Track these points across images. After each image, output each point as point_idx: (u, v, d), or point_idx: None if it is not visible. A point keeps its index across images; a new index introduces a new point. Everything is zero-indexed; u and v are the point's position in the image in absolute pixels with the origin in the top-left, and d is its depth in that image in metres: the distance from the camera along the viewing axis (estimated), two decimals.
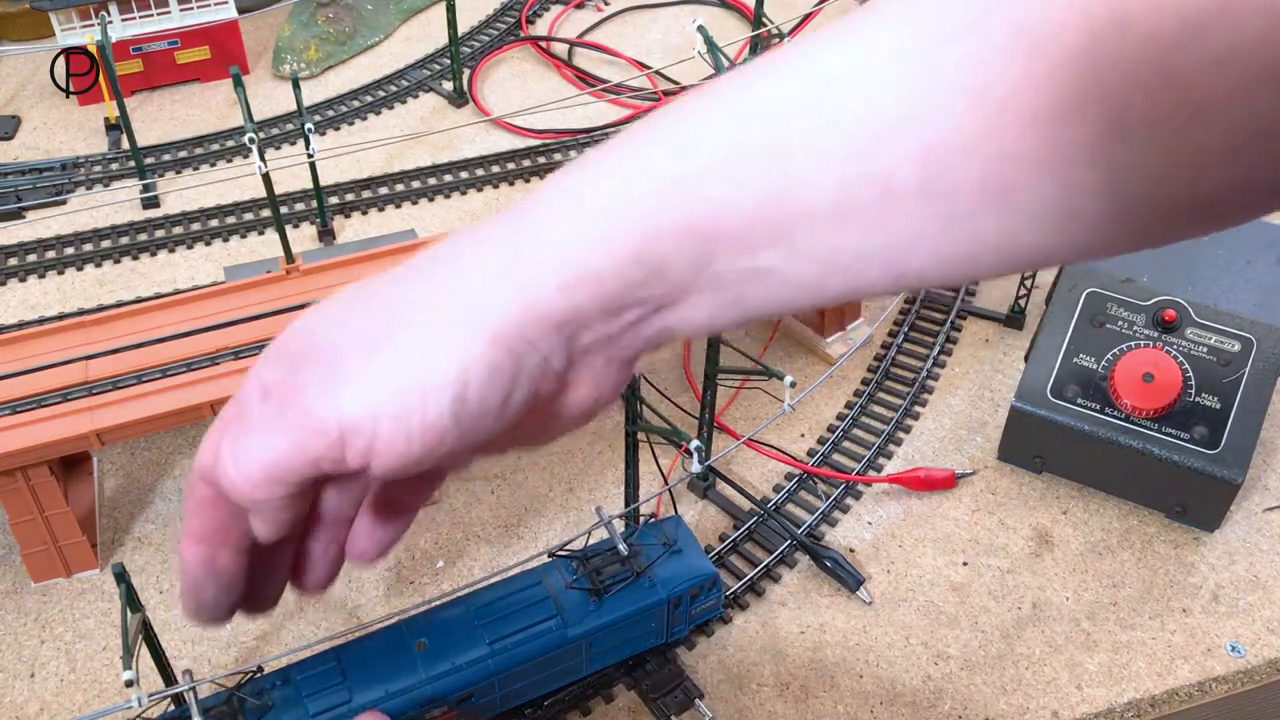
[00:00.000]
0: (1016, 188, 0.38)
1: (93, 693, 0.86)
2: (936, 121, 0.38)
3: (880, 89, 0.39)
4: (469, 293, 0.44)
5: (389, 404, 0.43)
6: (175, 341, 0.92)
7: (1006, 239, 0.40)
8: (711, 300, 0.45)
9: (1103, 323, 0.97)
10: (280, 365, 0.45)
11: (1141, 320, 0.96)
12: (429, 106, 1.44)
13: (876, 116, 0.39)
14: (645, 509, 0.93)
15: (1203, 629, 0.89)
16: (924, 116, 0.38)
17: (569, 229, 0.44)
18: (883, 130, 0.39)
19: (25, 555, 0.91)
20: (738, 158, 0.41)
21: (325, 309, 0.46)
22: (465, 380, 0.43)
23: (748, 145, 0.41)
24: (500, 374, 0.43)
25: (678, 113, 0.44)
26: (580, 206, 0.44)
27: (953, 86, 0.38)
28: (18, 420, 0.87)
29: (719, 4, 1.63)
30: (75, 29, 1.37)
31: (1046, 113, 0.37)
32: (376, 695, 0.73)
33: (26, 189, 1.29)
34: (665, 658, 0.86)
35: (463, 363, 0.43)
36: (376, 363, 0.43)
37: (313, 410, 0.43)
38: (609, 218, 0.43)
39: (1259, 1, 0.34)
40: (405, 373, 0.43)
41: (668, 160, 0.43)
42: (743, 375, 1.07)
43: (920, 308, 1.17)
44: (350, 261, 0.99)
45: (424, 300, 0.45)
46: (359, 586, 0.93)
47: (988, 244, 0.40)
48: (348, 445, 0.43)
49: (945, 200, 0.39)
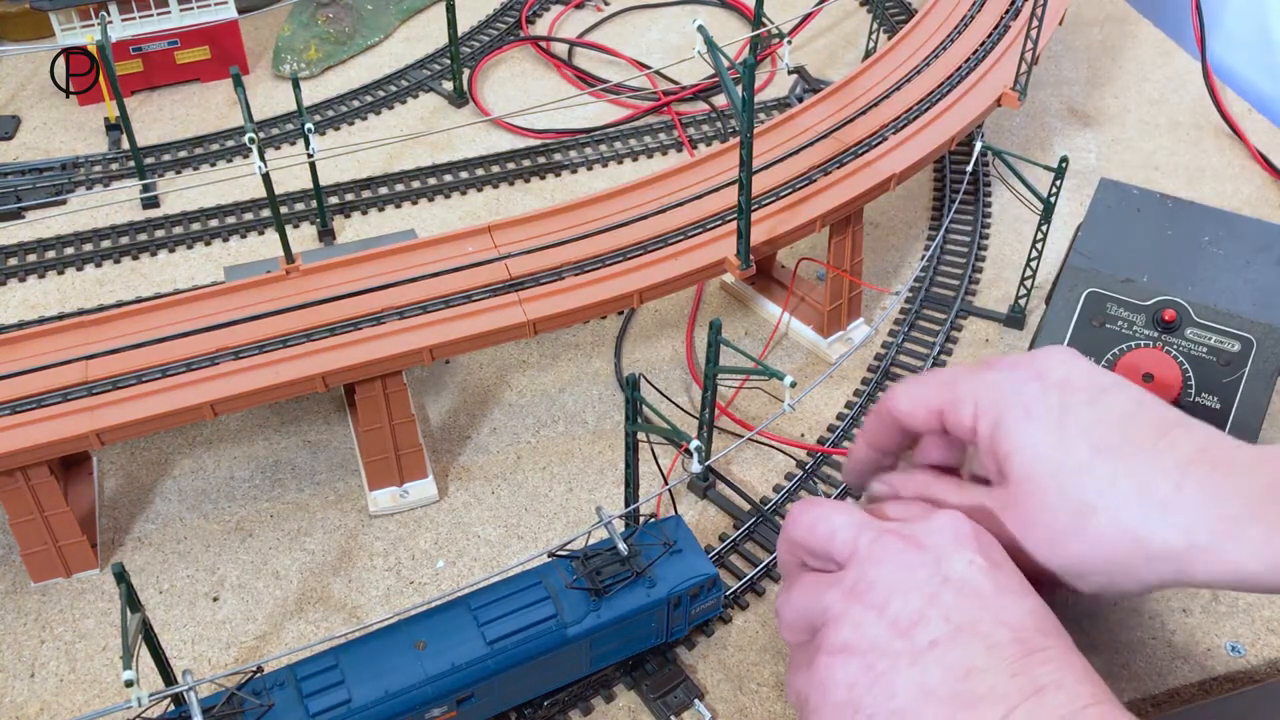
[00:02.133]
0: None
1: (93, 693, 0.86)
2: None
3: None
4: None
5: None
6: (175, 341, 0.92)
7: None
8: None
9: (1103, 322, 0.97)
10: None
11: (1141, 320, 0.96)
12: (429, 106, 1.44)
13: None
14: (645, 509, 0.93)
15: (1203, 629, 0.89)
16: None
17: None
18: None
19: (25, 555, 0.91)
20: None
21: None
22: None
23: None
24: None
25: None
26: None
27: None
28: (18, 420, 0.87)
29: (719, 4, 1.63)
30: (75, 29, 1.37)
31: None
32: (376, 695, 0.73)
33: (26, 189, 1.29)
34: (665, 658, 0.86)
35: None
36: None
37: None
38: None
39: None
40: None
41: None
42: (743, 375, 1.07)
43: (921, 307, 1.17)
44: (350, 261, 0.99)
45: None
46: (359, 587, 0.93)
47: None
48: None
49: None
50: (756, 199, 1.04)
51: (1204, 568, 0.64)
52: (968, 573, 0.63)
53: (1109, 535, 0.66)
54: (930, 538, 0.66)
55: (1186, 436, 0.68)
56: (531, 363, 1.12)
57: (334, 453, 1.04)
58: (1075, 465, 0.67)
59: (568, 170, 1.35)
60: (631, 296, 0.97)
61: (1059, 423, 0.69)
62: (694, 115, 1.42)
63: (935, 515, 0.68)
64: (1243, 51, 1.55)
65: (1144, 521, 0.65)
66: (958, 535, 0.66)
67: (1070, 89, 1.48)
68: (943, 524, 0.67)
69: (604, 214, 1.04)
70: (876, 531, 0.67)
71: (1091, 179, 1.29)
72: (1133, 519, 0.66)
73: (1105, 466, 0.67)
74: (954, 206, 1.29)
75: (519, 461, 1.03)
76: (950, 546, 0.65)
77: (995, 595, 0.63)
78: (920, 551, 0.65)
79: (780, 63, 1.05)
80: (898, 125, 1.13)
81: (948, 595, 0.63)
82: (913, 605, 0.63)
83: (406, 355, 0.92)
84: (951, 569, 0.64)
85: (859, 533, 0.68)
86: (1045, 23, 1.19)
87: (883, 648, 0.63)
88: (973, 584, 0.63)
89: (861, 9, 1.64)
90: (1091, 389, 0.70)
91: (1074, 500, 0.67)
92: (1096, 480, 0.67)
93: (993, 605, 0.62)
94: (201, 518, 0.99)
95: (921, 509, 0.70)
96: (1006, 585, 0.64)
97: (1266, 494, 0.64)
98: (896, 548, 0.66)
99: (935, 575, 0.64)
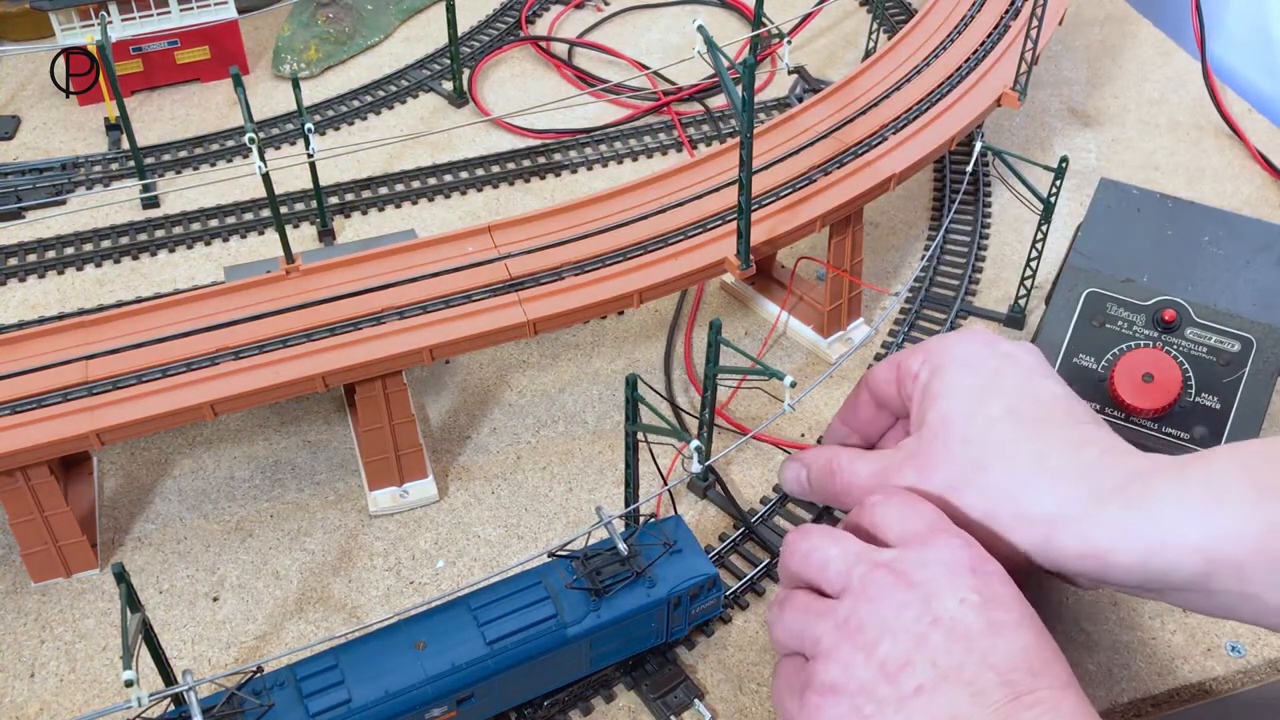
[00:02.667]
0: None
1: (93, 693, 0.86)
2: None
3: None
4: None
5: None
6: (175, 341, 0.92)
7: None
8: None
9: (1103, 322, 0.97)
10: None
11: (1141, 320, 0.96)
12: (429, 106, 1.44)
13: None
14: (645, 509, 0.93)
15: (1203, 629, 0.89)
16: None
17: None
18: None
19: (25, 555, 0.91)
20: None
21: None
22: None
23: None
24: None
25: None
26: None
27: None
28: (18, 420, 0.86)
29: (719, 4, 1.63)
30: (75, 29, 1.37)
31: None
32: (376, 695, 0.73)
33: (26, 189, 1.29)
34: (665, 658, 0.86)
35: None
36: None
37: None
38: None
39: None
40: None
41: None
42: (743, 375, 1.07)
43: (921, 307, 1.17)
44: (350, 261, 0.99)
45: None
46: (359, 587, 0.93)
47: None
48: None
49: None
50: (756, 199, 1.04)
51: (1067, 538, 0.67)
52: (958, 612, 0.63)
53: (994, 490, 0.69)
54: (923, 572, 0.65)
55: (1096, 432, 0.72)
56: (531, 363, 1.12)
57: (334, 453, 1.04)
58: (985, 419, 0.71)
59: (568, 170, 1.35)
60: (631, 296, 0.97)
61: (988, 382, 0.73)
62: (694, 115, 1.42)
63: (933, 544, 0.67)
64: (1243, 51, 1.55)
65: (1026, 482, 0.69)
66: (953, 568, 0.65)
67: (1070, 89, 1.48)
68: (938, 555, 0.66)
69: (604, 214, 1.04)
70: (869, 565, 0.67)
71: (1091, 179, 1.29)
72: (1017, 479, 0.69)
73: (1011, 430, 0.71)
74: (954, 206, 1.29)
75: (519, 461, 1.03)
76: (943, 583, 0.64)
77: (985, 635, 0.62)
78: (910, 590, 0.65)
79: (780, 63, 1.05)
80: (898, 125, 1.13)
81: (936, 637, 0.62)
82: (901, 648, 0.63)
83: (406, 355, 0.92)
84: (941, 608, 0.63)
85: (853, 565, 0.68)
86: (1045, 23, 1.19)
87: (870, 691, 0.63)
88: (962, 624, 0.63)
89: (861, 9, 1.64)
90: (1032, 372, 0.74)
91: (974, 451, 0.71)
92: (999, 438, 0.70)
93: (980, 647, 0.62)
94: (201, 518, 0.99)
95: (925, 527, 0.69)
96: (1000, 621, 0.63)
97: (1135, 476, 0.67)
98: (887, 585, 0.65)
99: (924, 615, 0.63)
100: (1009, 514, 0.69)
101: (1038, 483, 0.69)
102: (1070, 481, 0.68)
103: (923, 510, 0.70)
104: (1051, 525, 0.68)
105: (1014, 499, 0.69)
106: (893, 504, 0.72)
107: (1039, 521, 0.68)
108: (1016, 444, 0.70)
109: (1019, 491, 0.69)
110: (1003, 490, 0.70)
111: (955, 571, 0.65)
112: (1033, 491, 0.69)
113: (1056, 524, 0.68)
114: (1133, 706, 0.85)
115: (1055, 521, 0.68)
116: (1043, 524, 0.68)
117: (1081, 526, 0.67)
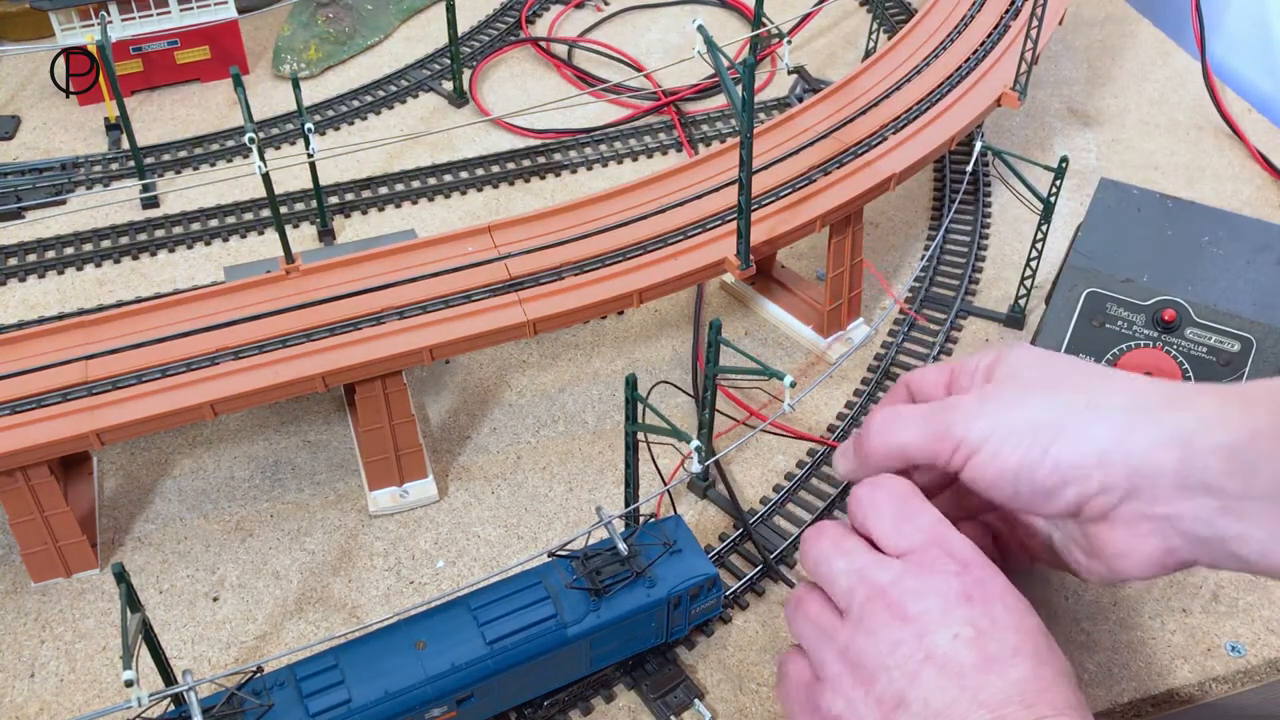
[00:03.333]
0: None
1: (93, 693, 0.86)
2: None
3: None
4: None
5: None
6: (175, 341, 0.92)
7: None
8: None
9: (1102, 322, 0.97)
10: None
11: (1141, 320, 0.96)
12: (429, 106, 1.44)
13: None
14: (645, 509, 0.93)
15: (1202, 629, 0.89)
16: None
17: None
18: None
19: (25, 555, 0.91)
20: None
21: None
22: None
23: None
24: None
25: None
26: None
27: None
28: (18, 420, 0.87)
29: (719, 4, 1.63)
30: (75, 29, 1.37)
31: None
32: (376, 695, 0.73)
33: (26, 189, 1.29)
34: (665, 658, 0.86)
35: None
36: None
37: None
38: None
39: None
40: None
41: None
42: (743, 375, 1.07)
43: (921, 307, 1.17)
44: (350, 261, 0.99)
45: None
46: (359, 587, 0.93)
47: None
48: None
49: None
50: (756, 199, 1.04)
51: (1120, 457, 0.67)
52: (951, 649, 0.63)
53: (1066, 391, 0.71)
54: (918, 604, 0.65)
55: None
56: (531, 363, 1.12)
57: (334, 453, 1.04)
58: (1053, 370, 0.73)
59: (568, 170, 1.35)
60: (631, 296, 0.97)
61: (1053, 356, 0.75)
62: (694, 115, 1.42)
63: (930, 569, 0.67)
64: (1243, 51, 1.55)
65: (1096, 384, 0.71)
66: (947, 599, 0.65)
67: (1070, 89, 1.48)
68: (934, 585, 0.66)
69: (604, 214, 1.04)
70: (868, 591, 0.67)
71: (1091, 179, 1.29)
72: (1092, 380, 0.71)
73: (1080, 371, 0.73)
74: (954, 206, 1.29)
75: (519, 461, 1.03)
76: (937, 616, 0.64)
77: (977, 672, 0.62)
78: (904, 625, 0.65)
79: (780, 63, 1.05)
80: (898, 125, 1.13)
81: (928, 675, 0.63)
82: (896, 686, 0.63)
83: (406, 355, 0.92)
84: (934, 644, 0.63)
85: (854, 585, 0.68)
86: (1045, 23, 1.19)
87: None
88: (955, 661, 0.63)
89: (861, 9, 1.64)
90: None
91: (1046, 373, 0.73)
92: (1068, 369, 0.73)
93: (973, 685, 0.62)
94: (201, 518, 0.99)
95: (922, 540, 0.68)
96: (994, 654, 0.63)
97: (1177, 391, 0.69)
98: (883, 619, 0.65)
99: (918, 652, 0.63)
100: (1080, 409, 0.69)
101: (1091, 417, 0.69)
102: (1119, 412, 0.68)
103: (919, 520, 0.70)
104: (1103, 445, 0.68)
105: (1086, 392, 0.69)
106: (884, 509, 0.71)
107: (1114, 412, 0.68)
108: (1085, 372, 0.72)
109: (1093, 387, 0.70)
110: (1073, 389, 0.70)
111: (950, 603, 0.65)
112: (1086, 425, 0.68)
113: (1109, 448, 0.68)
114: (1133, 706, 0.85)
115: (1109, 446, 0.68)
116: (1120, 414, 0.68)
117: (1130, 439, 0.67)
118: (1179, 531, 0.66)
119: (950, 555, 0.67)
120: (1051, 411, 0.69)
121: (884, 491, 0.71)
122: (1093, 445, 0.67)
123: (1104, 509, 0.67)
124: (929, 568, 0.67)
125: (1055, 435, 0.68)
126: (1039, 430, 0.68)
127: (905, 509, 0.70)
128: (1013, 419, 0.70)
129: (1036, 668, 0.63)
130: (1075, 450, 0.67)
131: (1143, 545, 0.67)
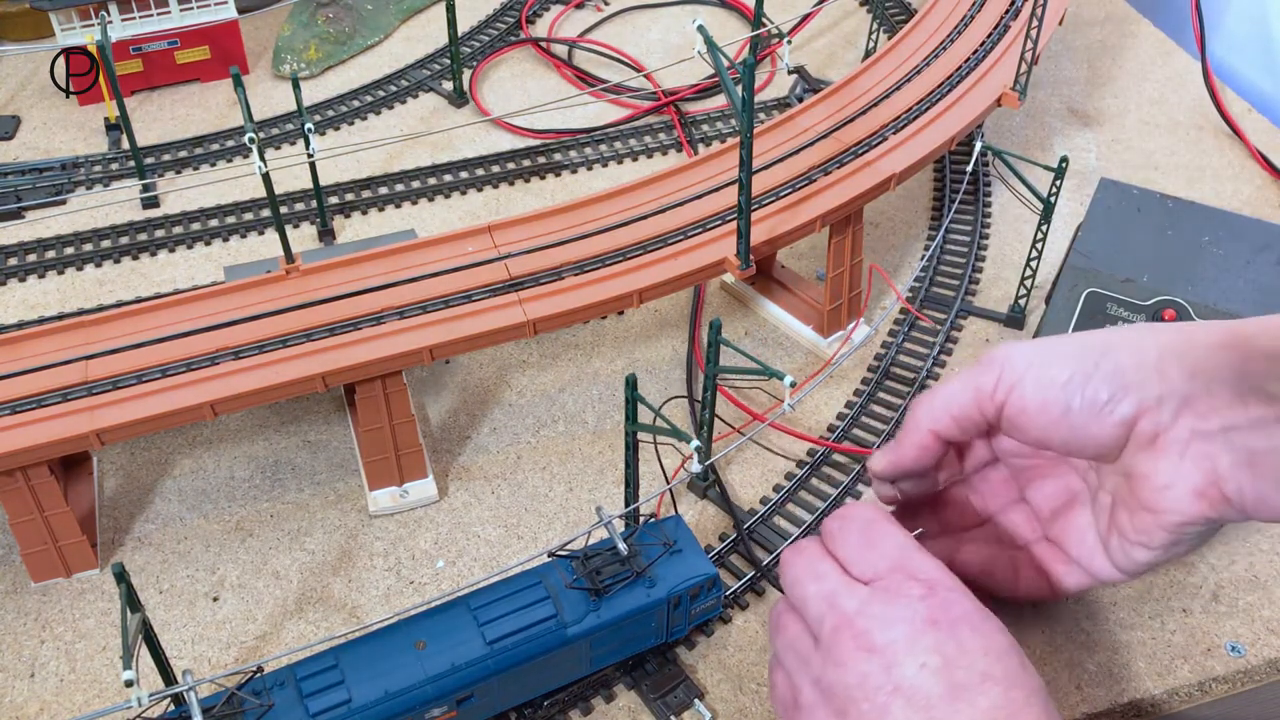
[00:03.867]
0: None
1: (93, 693, 0.86)
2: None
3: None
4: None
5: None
6: (175, 341, 0.92)
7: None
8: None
9: (1103, 322, 0.97)
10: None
11: (1141, 320, 0.96)
12: (429, 106, 1.44)
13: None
14: (645, 509, 0.93)
15: (1202, 629, 0.89)
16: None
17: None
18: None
19: (25, 555, 0.91)
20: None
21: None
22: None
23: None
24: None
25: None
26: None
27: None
28: (18, 420, 0.87)
29: (719, 4, 1.63)
30: (75, 29, 1.37)
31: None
32: (376, 695, 0.73)
33: (26, 189, 1.29)
34: (665, 658, 0.86)
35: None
36: None
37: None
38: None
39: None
40: None
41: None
42: (742, 375, 1.07)
43: (921, 307, 1.17)
44: (350, 261, 0.99)
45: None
46: (359, 587, 0.93)
47: None
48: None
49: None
50: (756, 199, 1.04)
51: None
52: (918, 679, 0.63)
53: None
54: (885, 634, 0.65)
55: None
56: (531, 363, 1.12)
57: (334, 453, 1.04)
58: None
59: (568, 170, 1.35)
60: (631, 296, 0.97)
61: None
62: (694, 115, 1.42)
63: (895, 595, 0.66)
64: (1243, 51, 1.55)
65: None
66: (914, 625, 0.65)
67: (1070, 89, 1.48)
68: (899, 613, 0.66)
69: (604, 214, 1.04)
70: (835, 620, 0.67)
71: (1091, 179, 1.29)
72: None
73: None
74: (954, 206, 1.29)
75: (519, 461, 1.03)
76: (903, 646, 0.64)
77: (945, 701, 0.62)
78: (871, 657, 0.65)
79: (780, 63, 1.05)
80: (898, 125, 1.13)
81: (897, 707, 0.63)
82: (867, 719, 0.64)
83: (406, 355, 0.92)
84: (902, 676, 0.63)
85: (824, 612, 0.68)
86: (1045, 23, 1.19)
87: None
88: (922, 692, 0.63)
89: (861, 9, 1.64)
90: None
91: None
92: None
93: (941, 716, 0.62)
94: (201, 518, 0.99)
95: (887, 567, 0.68)
96: (961, 683, 0.63)
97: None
98: (850, 650, 0.66)
99: (886, 684, 0.64)
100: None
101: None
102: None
103: (883, 547, 0.70)
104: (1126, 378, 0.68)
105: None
106: (850, 537, 0.71)
107: (1167, 329, 0.69)
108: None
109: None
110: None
111: (916, 630, 0.65)
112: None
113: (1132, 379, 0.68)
114: (1133, 706, 0.85)
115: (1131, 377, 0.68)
116: (1174, 329, 0.69)
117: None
118: (1232, 449, 0.64)
119: (914, 578, 0.67)
120: (1097, 335, 0.69)
121: (850, 521, 0.72)
122: (1153, 349, 0.66)
123: (1156, 427, 0.66)
124: (894, 593, 0.67)
125: (1105, 350, 0.67)
126: (1087, 349, 0.68)
127: (869, 535, 0.71)
128: (1058, 344, 0.70)
129: (1007, 691, 0.63)
130: (1133, 356, 0.66)
131: (1190, 473, 0.66)
